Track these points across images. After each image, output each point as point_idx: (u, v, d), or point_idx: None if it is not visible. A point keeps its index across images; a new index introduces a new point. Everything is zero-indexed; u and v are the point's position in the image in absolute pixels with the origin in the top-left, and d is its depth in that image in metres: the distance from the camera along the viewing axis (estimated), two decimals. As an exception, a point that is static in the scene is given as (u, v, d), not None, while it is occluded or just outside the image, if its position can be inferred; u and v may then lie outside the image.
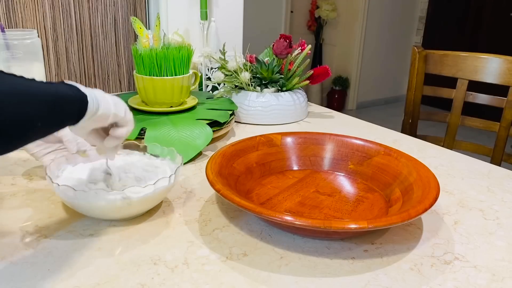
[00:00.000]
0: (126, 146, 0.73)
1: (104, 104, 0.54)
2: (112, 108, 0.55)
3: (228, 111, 0.98)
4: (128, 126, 0.59)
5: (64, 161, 0.68)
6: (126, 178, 0.66)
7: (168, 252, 0.56)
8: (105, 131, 0.60)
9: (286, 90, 1.12)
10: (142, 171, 0.68)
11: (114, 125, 0.59)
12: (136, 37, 1.11)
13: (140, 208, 0.62)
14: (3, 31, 0.84)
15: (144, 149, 0.73)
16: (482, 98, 1.24)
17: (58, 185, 0.58)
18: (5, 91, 0.42)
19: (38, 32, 1.10)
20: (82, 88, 0.52)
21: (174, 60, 0.92)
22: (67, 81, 0.52)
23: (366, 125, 1.13)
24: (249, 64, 1.13)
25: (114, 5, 1.25)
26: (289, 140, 0.80)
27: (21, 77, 0.46)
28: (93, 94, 0.53)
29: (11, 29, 1.06)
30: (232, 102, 1.06)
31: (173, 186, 0.65)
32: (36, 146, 0.70)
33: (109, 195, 0.58)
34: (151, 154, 0.72)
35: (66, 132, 0.70)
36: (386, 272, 0.53)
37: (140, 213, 0.64)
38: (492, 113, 1.32)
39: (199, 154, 0.87)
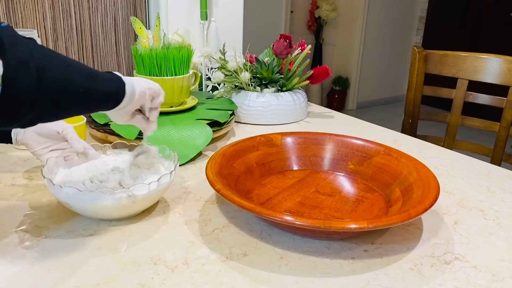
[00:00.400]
0: (114, 146, 0.73)
1: (137, 84, 0.58)
2: (144, 84, 0.60)
3: (228, 111, 0.98)
4: (162, 93, 0.64)
5: (61, 162, 0.68)
6: (122, 177, 0.66)
7: (168, 252, 0.56)
8: (137, 111, 0.64)
9: (286, 90, 1.12)
10: (135, 170, 0.68)
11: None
12: (136, 37, 1.11)
13: (143, 206, 0.63)
14: (3, 31, 0.84)
15: (132, 148, 0.73)
16: (482, 98, 1.24)
17: (61, 187, 0.58)
18: (51, 54, 0.47)
19: (38, 32, 1.10)
20: (115, 73, 0.56)
21: (174, 60, 0.92)
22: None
23: (366, 125, 1.13)
24: (249, 64, 1.13)
25: (114, 5, 1.25)
26: (289, 140, 0.80)
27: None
28: (125, 78, 0.57)
29: (11, 29, 1.06)
30: (232, 102, 1.06)
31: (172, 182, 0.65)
32: (38, 144, 0.70)
33: (115, 194, 0.58)
34: (139, 153, 0.73)
35: (69, 130, 0.71)
36: (386, 272, 0.53)
37: (141, 211, 0.64)
38: (492, 113, 1.32)
39: (199, 154, 0.87)
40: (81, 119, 0.88)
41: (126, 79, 0.57)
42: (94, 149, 0.71)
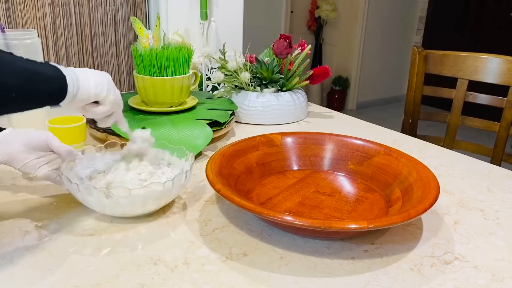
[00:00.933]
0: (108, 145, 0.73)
1: (84, 85, 0.55)
2: (92, 89, 0.56)
3: (228, 111, 0.98)
4: (106, 106, 0.60)
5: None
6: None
7: (168, 252, 0.56)
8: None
9: (286, 90, 1.12)
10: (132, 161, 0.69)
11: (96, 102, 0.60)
12: (136, 37, 1.11)
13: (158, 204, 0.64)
14: (3, 31, 0.84)
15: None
16: (482, 98, 1.24)
17: (95, 187, 0.58)
18: None
19: (38, 32, 1.10)
20: (64, 69, 0.53)
21: (174, 60, 0.92)
22: (52, 63, 0.53)
23: (366, 125, 1.13)
24: (249, 64, 1.13)
25: (114, 5, 1.25)
26: (289, 140, 0.80)
27: (18, 56, 0.48)
28: (75, 76, 0.54)
29: (11, 29, 1.06)
30: (232, 102, 1.06)
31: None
32: (29, 156, 0.63)
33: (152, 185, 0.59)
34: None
35: (51, 136, 0.65)
36: (386, 272, 0.53)
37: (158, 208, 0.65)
38: (492, 113, 1.32)
39: (199, 154, 0.87)
40: (81, 119, 0.88)
41: (72, 78, 0.53)
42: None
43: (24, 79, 0.48)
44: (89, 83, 0.56)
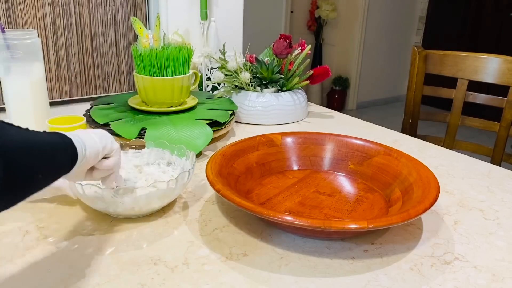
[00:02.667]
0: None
1: (90, 143, 0.52)
2: (98, 143, 0.54)
3: (228, 111, 0.97)
4: (116, 155, 0.57)
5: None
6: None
7: (168, 252, 0.56)
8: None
9: (286, 90, 1.12)
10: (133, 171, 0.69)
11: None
12: (136, 37, 1.11)
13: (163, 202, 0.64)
14: (3, 31, 0.84)
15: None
16: (482, 98, 1.24)
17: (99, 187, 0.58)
18: (18, 141, 0.41)
19: (38, 32, 1.10)
20: (66, 133, 0.50)
21: (174, 60, 0.92)
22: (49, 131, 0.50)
23: (366, 125, 1.13)
24: (249, 64, 1.13)
25: (114, 5, 1.24)
26: (289, 140, 0.80)
27: (25, 128, 0.45)
28: (78, 137, 0.51)
29: (11, 29, 1.06)
30: (232, 102, 1.06)
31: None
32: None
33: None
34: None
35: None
36: (386, 272, 0.53)
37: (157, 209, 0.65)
38: (492, 113, 1.32)
39: (199, 154, 0.87)
40: (81, 119, 0.88)
41: (76, 140, 0.50)
42: None
43: (50, 155, 0.44)
44: (93, 139, 0.53)
